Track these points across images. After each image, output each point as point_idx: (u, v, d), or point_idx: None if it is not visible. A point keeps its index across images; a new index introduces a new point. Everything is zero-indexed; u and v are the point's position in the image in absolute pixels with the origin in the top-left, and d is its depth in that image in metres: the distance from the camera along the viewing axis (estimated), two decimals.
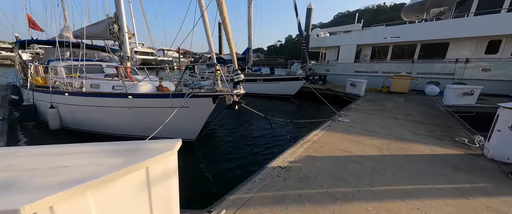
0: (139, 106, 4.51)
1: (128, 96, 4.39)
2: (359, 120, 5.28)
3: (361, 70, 13.21)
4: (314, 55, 21.16)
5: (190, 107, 4.40)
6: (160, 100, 4.30)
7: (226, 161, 4.41)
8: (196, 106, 4.36)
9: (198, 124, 4.65)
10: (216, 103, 4.38)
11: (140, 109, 4.52)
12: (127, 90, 4.41)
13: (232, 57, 4.03)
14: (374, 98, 8.94)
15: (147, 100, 4.43)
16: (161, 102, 4.31)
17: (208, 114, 4.52)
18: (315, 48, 17.31)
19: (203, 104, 4.33)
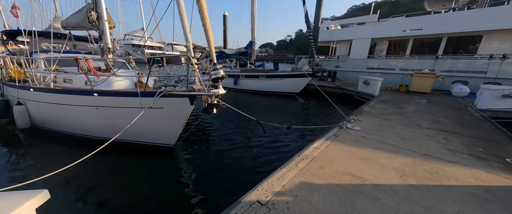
0: (107, 106, 3.86)
1: (94, 93, 3.75)
2: (373, 127, 4.32)
3: (374, 66, 11.91)
4: (324, 50, 19.83)
5: (164, 108, 3.71)
6: (128, 99, 3.61)
7: (210, 172, 3.69)
8: (171, 107, 3.66)
9: (176, 127, 3.94)
10: (194, 104, 3.63)
11: (109, 109, 3.87)
12: (92, 86, 3.76)
13: (209, 47, 3.21)
14: (390, 98, 7.81)
15: (115, 98, 3.76)
16: (129, 101, 3.62)
17: (186, 116, 3.79)
18: (325, 42, 16.02)
19: (179, 105, 3.60)
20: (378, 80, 8.35)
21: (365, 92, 8.82)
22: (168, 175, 3.72)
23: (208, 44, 3.25)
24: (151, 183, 3.48)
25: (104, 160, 4.01)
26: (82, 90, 3.85)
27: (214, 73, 3.16)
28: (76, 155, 2.52)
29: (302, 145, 4.52)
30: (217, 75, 3.17)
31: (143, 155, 4.27)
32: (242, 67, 12.89)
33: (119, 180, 3.55)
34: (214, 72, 3.17)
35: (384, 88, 9.89)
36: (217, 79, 3.21)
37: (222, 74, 3.20)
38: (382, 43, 12.59)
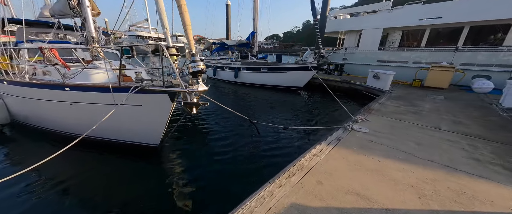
0: (81, 101, 3.49)
1: (65, 88, 3.37)
2: (384, 129, 3.76)
3: (385, 59, 11.03)
4: (331, 42, 18.83)
5: (142, 105, 3.30)
6: (100, 94, 3.21)
7: (195, 179, 3.30)
8: (149, 104, 3.25)
9: (158, 126, 3.54)
10: (175, 102, 3.19)
11: (83, 105, 3.50)
12: (65, 80, 3.37)
13: (185, 33, 2.72)
14: (403, 94, 7.11)
15: (87, 94, 3.37)
16: (102, 97, 3.22)
17: (168, 115, 3.38)
18: (332, 32, 15.07)
19: (158, 102, 3.18)
20: (390, 74, 7.62)
21: (374, 87, 8.13)
22: (149, 178, 3.36)
23: (185, 30, 2.76)
24: (130, 185, 3.16)
25: (86, 158, 3.80)
26: (54, 84, 3.48)
27: (192, 66, 2.66)
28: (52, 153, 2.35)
29: (300, 149, 4.05)
30: (195, 69, 2.66)
31: (125, 155, 3.93)
32: (244, 59, 12.30)
33: (97, 180, 3.26)
34: (192, 65, 2.67)
35: (395, 82, 9.12)
36: (196, 73, 2.71)
37: (202, 68, 2.69)
38: (395, 34, 11.62)
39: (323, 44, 9.83)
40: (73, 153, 3.84)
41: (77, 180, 3.21)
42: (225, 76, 12.29)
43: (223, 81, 12.60)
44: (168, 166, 3.65)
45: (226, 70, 11.91)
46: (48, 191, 2.95)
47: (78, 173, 3.36)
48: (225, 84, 11.95)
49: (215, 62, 12.67)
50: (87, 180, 3.24)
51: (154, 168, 3.64)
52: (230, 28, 18.08)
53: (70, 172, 3.38)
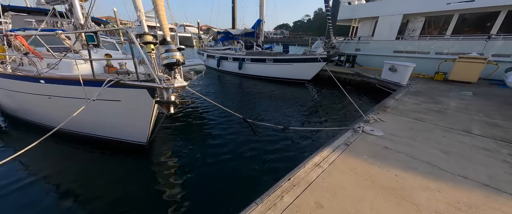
0: (56, 95, 3.22)
1: (40, 80, 3.09)
2: (402, 132, 3.20)
3: (402, 49, 10.00)
4: (345, 31, 17.61)
5: (121, 101, 2.97)
6: (75, 88, 2.88)
7: (182, 183, 2.97)
8: (128, 100, 2.92)
9: (142, 123, 3.21)
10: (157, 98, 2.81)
11: (59, 99, 3.23)
12: (41, 72, 3.07)
13: (157, 16, 2.26)
14: (423, 89, 6.34)
15: (62, 87, 3.07)
16: (76, 91, 2.90)
17: (150, 112, 3.02)
18: (345, 20, 13.92)
19: (137, 98, 2.82)
20: (409, 66, 6.80)
21: (390, 81, 7.35)
22: (133, 180, 3.07)
23: (155, 9, 2.29)
24: (113, 184, 2.95)
25: (74, 153, 3.64)
26: (28, 76, 3.20)
27: (166, 57, 2.22)
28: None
29: (300, 154, 3.59)
30: (169, 60, 2.23)
31: (115, 153, 3.67)
32: (249, 49, 11.68)
33: (80, 178, 3.07)
34: (166, 55, 2.23)
35: (414, 75, 8.24)
36: (170, 65, 2.28)
37: (178, 59, 2.25)
38: (417, 21, 10.44)
39: (335, 33, 9.00)
40: (64, 148, 3.67)
41: (60, 176, 3.06)
42: (229, 68, 11.80)
43: (227, 72, 12.12)
44: (153, 168, 3.34)
45: (230, 61, 11.39)
46: (26, 187, 2.80)
47: (63, 168, 3.22)
48: (229, 76, 11.48)
49: (219, 53, 12.15)
50: (69, 176, 3.07)
51: (139, 168, 3.36)
52: (236, 16, 17.26)
53: (53, 167, 3.22)
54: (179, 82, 2.44)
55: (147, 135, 3.40)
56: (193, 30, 43.14)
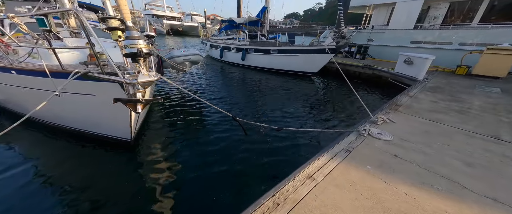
0: (30, 87, 3.05)
1: (11, 71, 2.90)
2: (415, 137, 2.76)
3: (421, 39, 9.09)
4: (357, 19, 16.46)
5: (96, 95, 2.77)
6: (43, 80, 2.66)
7: (165, 185, 2.77)
8: (103, 94, 2.69)
9: (123, 119, 2.98)
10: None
11: (34, 91, 3.05)
12: (13, 61, 2.87)
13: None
14: (442, 85, 5.69)
15: (34, 79, 2.86)
16: (42, 82, 2.69)
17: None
18: (359, 7, 12.89)
19: (110, 93, 2.56)
20: (428, 58, 6.10)
21: (404, 75, 6.70)
22: (116, 175, 2.93)
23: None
24: (97, 178, 2.86)
25: (64, 147, 3.55)
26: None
27: (125, 45, 1.85)
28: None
29: (297, 156, 3.26)
30: (129, 50, 1.86)
31: (102, 147, 3.51)
32: (253, 39, 11.13)
33: (63, 168, 3.00)
34: (125, 43, 1.85)
35: (432, 69, 7.48)
36: (132, 56, 1.92)
37: (140, 48, 1.87)
38: (439, 7, 9.41)
39: (346, 22, 8.25)
40: (53, 142, 3.56)
41: (44, 166, 3.02)
42: (231, 58, 11.37)
43: (230, 63, 11.72)
44: (136, 166, 3.14)
45: (233, 51, 10.94)
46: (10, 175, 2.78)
47: (48, 160, 3.19)
48: (231, 67, 11.08)
49: (222, 42, 11.70)
50: (52, 167, 3.00)
51: (122, 165, 3.18)
52: (241, 3, 16.48)
53: (40, 158, 3.19)
54: (144, 77, 2.04)
55: (130, 131, 3.18)
56: (200, 19, 42.36)
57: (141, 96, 2.06)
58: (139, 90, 2.03)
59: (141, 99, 2.04)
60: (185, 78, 8.38)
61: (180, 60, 5.67)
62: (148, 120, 4.43)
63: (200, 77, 8.74)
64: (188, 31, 38.49)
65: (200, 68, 10.47)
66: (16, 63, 2.88)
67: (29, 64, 3.02)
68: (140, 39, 1.86)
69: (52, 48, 2.29)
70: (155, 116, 4.73)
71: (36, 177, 2.80)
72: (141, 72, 2.02)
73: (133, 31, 1.86)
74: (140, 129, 3.89)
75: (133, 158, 3.30)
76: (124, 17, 1.85)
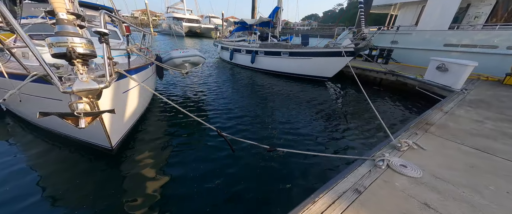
0: (3, 88, 2.90)
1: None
2: (454, 174, 2.01)
3: (457, 42, 7.83)
4: (381, 20, 15.18)
5: (62, 100, 2.46)
6: (5, 80, 2.45)
7: (148, 202, 2.38)
8: (67, 98, 2.38)
9: (96, 127, 2.66)
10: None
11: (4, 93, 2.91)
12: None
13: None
14: (486, 98, 4.63)
15: (4, 80, 2.67)
16: (6, 83, 2.50)
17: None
18: (382, 7, 11.76)
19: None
20: (468, 65, 5.06)
21: (436, 83, 5.68)
22: (95, 183, 2.64)
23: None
24: (77, 184, 2.62)
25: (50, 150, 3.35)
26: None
27: (51, 43, 1.45)
28: None
29: (286, 191, 2.61)
30: (57, 49, 1.45)
31: (89, 154, 3.27)
32: (263, 41, 10.64)
33: (47, 171, 2.86)
34: (52, 40, 1.45)
35: (472, 77, 6.31)
36: (60, 56, 1.51)
37: (69, 47, 1.46)
38: (483, 4, 8.07)
39: (367, 22, 7.38)
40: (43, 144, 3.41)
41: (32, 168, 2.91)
42: (241, 61, 10.98)
43: (240, 66, 11.35)
44: (116, 175, 2.82)
45: (243, 53, 10.54)
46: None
47: (36, 162, 3.06)
48: (241, 70, 10.68)
49: (233, 44, 11.38)
50: (39, 169, 2.88)
51: (104, 173, 2.88)
52: (256, 5, 16.11)
53: (29, 160, 3.08)
54: (82, 84, 1.60)
55: (107, 139, 2.87)
56: (218, 21, 43.15)
57: (85, 107, 1.63)
58: (80, 101, 1.61)
59: (78, 112, 1.59)
60: (187, 80, 8.14)
61: (179, 61, 5.36)
62: (142, 126, 4.14)
63: (204, 79, 8.44)
64: (205, 33, 39.39)
65: (208, 70, 10.24)
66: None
67: (8, 65, 2.87)
68: (74, 36, 1.46)
69: (5, 47, 2.04)
70: (150, 121, 4.44)
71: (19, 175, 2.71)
72: (78, 77, 1.59)
73: (65, 26, 1.47)
74: (129, 136, 3.60)
75: (114, 169, 2.98)
76: (53, 7, 1.45)
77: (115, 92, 2.69)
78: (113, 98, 2.70)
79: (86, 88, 1.60)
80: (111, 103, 2.66)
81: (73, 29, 1.50)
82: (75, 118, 1.62)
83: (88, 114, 1.63)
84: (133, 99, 3.47)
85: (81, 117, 1.61)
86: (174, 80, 7.94)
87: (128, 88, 3.13)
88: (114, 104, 2.77)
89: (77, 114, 1.59)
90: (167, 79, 7.78)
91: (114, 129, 2.96)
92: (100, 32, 1.71)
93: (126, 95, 3.14)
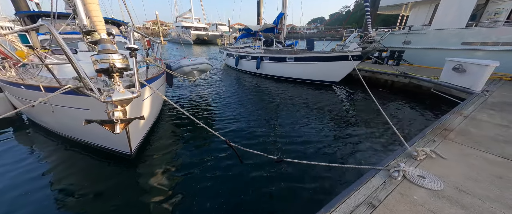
0: (33, 100, 3.10)
1: (21, 86, 2.97)
2: (479, 186, 1.83)
3: (476, 40, 7.39)
4: (390, 21, 14.79)
5: (90, 110, 2.71)
6: (39, 93, 2.67)
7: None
8: (96, 109, 2.57)
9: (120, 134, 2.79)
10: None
11: (40, 104, 3.10)
12: (24, 78, 2.96)
13: (88, 11, 1.73)
14: (511, 100, 4.29)
15: (33, 92, 2.88)
16: (40, 96, 2.69)
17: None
18: (392, 7, 11.45)
19: (103, 108, 2.42)
20: (488, 65, 4.73)
21: (454, 85, 5.36)
22: (114, 188, 2.76)
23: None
24: (99, 189, 2.76)
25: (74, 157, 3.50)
26: (9, 81, 3.14)
27: (96, 60, 1.70)
28: None
29: (289, 206, 2.50)
30: (101, 65, 1.70)
31: (103, 159, 3.38)
32: (268, 47, 10.64)
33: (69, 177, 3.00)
34: (97, 57, 1.71)
35: (494, 77, 5.90)
36: (103, 71, 1.75)
37: (111, 63, 1.70)
38: (503, 0, 7.60)
39: (377, 24, 7.19)
40: (69, 152, 3.57)
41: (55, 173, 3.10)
42: (247, 67, 11.03)
43: (245, 72, 11.39)
44: (135, 181, 2.92)
45: (248, 59, 10.58)
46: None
47: (61, 168, 3.22)
48: (246, 76, 10.70)
49: (238, 51, 11.49)
50: (61, 174, 3.06)
51: (122, 179, 2.98)
52: (261, 11, 16.30)
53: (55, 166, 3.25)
54: (119, 95, 1.81)
55: (128, 145, 2.99)
56: (224, 28, 44.13)
57: (120, 115, 1.81)
58: (116, 109, 1.79)
59: (116, 119, 1.77)
60: (195, 87, 8.27)
61: (188, 69, 5.51)
62: (155, 132, 4.23)
63: (211, 86, 8.53)
64: (212, 40, 40.41)
65: (214, 76, 10.37)
66: (24, 77, 2.98)
67: (44, 79, 3.11)
68: (113, 53, 1.72)
69: (44, 63, 2.26)
70: (162, 128, 4.52)
71: (42, 178, 2.90)
72: (116, 89, 1.80)
73: (107, 45, 1.73)
74: (144, 142, 3.71)
75: (133, 173, 3.08)
76: (96, 29, 1.73)
77: (136, 100, 2.82)
78: (136, 106, 2.83)
79: (122, 98, 1.80)
80: (133, 111, 2.78)
81: (112, 47, 1.74)
82: (111, 125, 1.79)
83: (123, 120, 1.82)
84: (149, 106, 3.59)
85: (117, 123, 1.79)
86: (181, 87, 8.10)
87: (145, 97, 3.26)
88: (137, 112, 2.90)
89: (116, 120, 1.77)
90: (175, 86, 7.96)
91: (134, 135, 3.09)
92: (131, 48, 1.97)
93: (144, 103, 3.28)
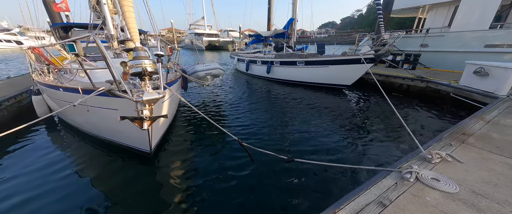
0: (71, 102, 3.44)
1: (59, 88, 3.33)
2: (499, 190, 1.75)
3: (502, 42, 6.98)
4: (406, 24, 14.38)
5: (119, 109, 2.96)
6: (78, 96, 2.96)
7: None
8: (124, 108, 2.86)
9: (141, 132, 3.04)
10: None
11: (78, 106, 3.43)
12: (62, 81, 3.35)
13: (126, 24, 2.07)
14: None
15: (73, 95, 3.19)
16: (77, 97, 2.99)
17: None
18: (408, 10, 11.14)
19: (131, 108, 2.67)
20: None
21: (475, 90, 5.09)
22: (134, 185, 2.95)
23: (122, 14, 2.12)
24: (116, 185, 2.98)
25: (96, 153, 3.82)
26: (50, 84, 3.52)
27: (131, 65, 2.03)
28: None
29: (302, 204, 2.52)
30: (135, 69, 2.03)
31: (126, 157, 3.63)
32: (279, 51, 10.75)
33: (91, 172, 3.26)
34: (132, 63, 2.03)
35: None
36: (137, 74, 2.08)
37: (143, 67, 2.02)
38: None
39: (391, 27, 7.06)
40: (90, 149, 3.94)
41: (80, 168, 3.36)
42: (257, 71, 11.20)
43: (256, 76, 11.57)
44: (153, 179, 3.12)
45: (258, 64, 10.76)
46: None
47: (85, 164, 3.48)
48: (257, 80, 10.85)
49: (248, 56, 11.74)
50: (86, 170, 3.32)
51: (141, 176, 3.19)
52: (272, 17, 16.53)
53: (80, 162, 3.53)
54: (149, 95, 2.12)
55: (148, 144, 3.25)
56: (235, 34, 45.19)
57: (147, 113, 2.10)
58: (144, 108, 2.09)
59: (145, 117, 2.07)
60: (208, 90, 8.54)
61: (202, 74, 5.79)
62: (171, 132, 4.47)
63: (222, 89, 8.76)
64: (224, 46, 41.54)
65: (225, 81, 10.64)
66: (62, 81, 3.36)
67: (77, 82, 3.47)
68: (146, 59, 2.01)
69: (84, 69, 2.57)
70: (177, 128, 4.75)
71: (71, 174, 3.22)
72: (146, 90, 2.09)
73: (140, 52, 2.01)
74: (162, 141, 3.96)
75: (151, 171, 3.30)
76: (132, 38, 2.07)
77: (158, 102, 3.07)
78: (157, 107, 3.10)
79: (152, 98, 2.09)
80: (156, 111, 3.03)
81: (144, 54, 2.03)
82: (140, 121, 2.09)
83: (150, 118, 2.12)
84: (167, 108, 3.87)
85: (145, 121, 2.09)
86: (194, 91, 8.42)
87: (165, 98, 3.53)
88: (158, 112, 3.20)
89: (145, 118, 2.08)
90: (188, 90, 8.31)
91: (154, 134, 3.34)
92: (158, 55, 2.33)
93: (164, 105, 3.57)
